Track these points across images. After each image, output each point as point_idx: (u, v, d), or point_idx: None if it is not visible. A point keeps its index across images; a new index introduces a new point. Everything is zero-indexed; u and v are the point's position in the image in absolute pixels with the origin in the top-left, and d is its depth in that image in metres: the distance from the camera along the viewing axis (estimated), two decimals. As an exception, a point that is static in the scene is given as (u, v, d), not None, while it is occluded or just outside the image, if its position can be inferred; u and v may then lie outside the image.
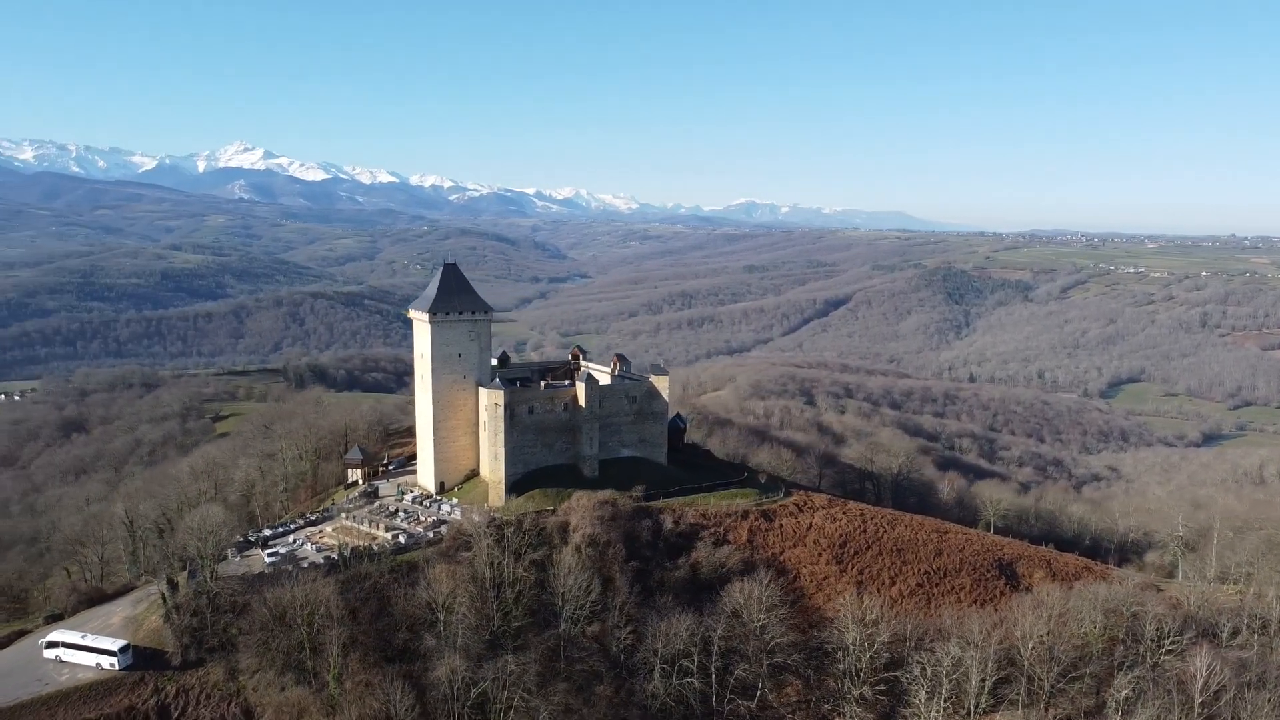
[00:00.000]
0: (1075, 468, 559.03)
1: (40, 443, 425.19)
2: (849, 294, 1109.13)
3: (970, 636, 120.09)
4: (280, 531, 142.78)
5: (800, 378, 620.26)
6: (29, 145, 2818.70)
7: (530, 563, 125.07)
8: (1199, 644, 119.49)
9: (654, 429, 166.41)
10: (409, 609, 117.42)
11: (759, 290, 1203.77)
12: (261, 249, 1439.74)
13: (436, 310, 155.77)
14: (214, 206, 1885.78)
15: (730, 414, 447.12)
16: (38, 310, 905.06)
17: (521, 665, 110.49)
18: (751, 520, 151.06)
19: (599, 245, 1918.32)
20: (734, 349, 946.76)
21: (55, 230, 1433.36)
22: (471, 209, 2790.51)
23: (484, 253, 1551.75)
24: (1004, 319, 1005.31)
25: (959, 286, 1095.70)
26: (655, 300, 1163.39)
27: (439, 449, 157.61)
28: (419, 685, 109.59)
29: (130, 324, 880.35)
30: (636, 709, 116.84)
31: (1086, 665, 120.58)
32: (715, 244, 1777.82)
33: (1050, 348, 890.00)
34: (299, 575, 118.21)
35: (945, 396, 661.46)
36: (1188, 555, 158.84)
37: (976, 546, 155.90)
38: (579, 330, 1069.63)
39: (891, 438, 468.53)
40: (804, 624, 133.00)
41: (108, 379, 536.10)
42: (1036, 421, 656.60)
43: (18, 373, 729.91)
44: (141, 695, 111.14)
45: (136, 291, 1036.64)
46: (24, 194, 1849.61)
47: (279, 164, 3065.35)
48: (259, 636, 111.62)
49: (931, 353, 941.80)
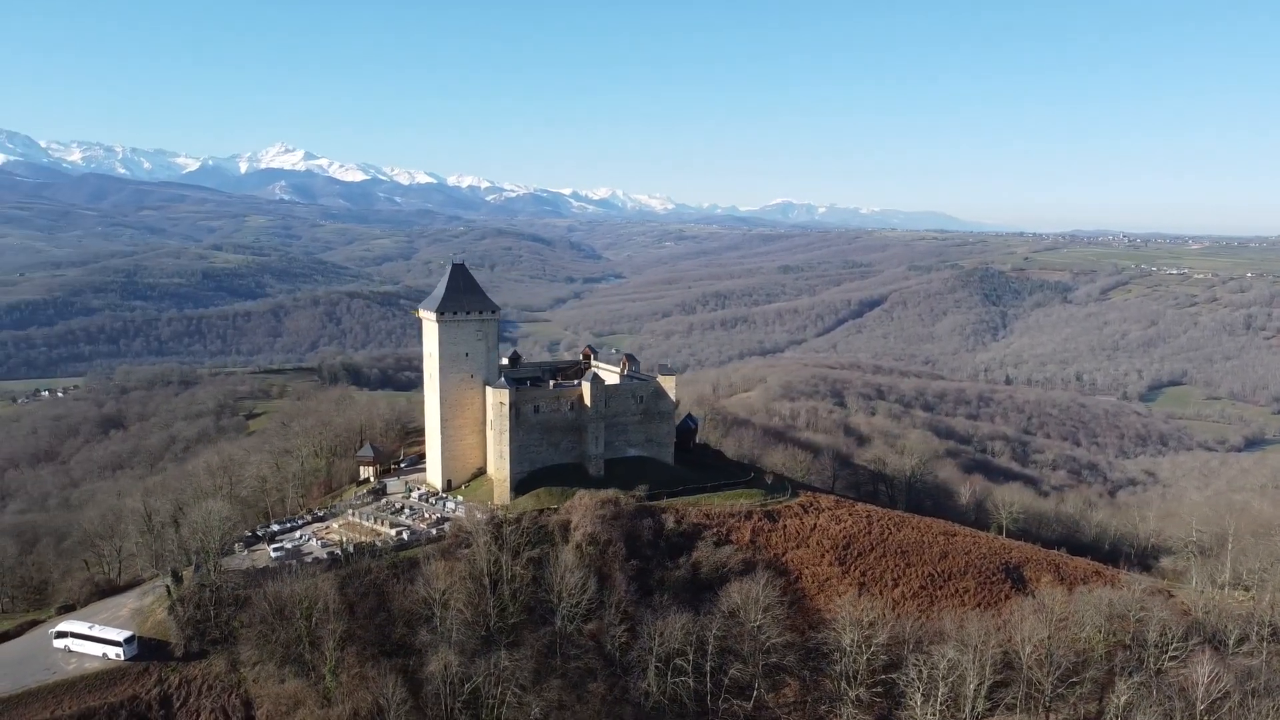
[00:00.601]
0: (1111, 472, 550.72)
1: (80, 439, 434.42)
2: (884, 295, 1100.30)
3: (968, 639, 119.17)
4: (288, 527, 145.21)
5: (832, 379, 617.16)
6: (77, 147, 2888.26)
7: (528, 560, 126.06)
8: (1202, 651, 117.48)
9: (661, 429, 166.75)
10: (406, 604, 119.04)
11: (793, 291, 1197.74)
12: (301, 249, 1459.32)
13: (444, 310, 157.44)
14: (255, 207, 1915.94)
15: (754, 414, 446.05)
16: (83, 309, 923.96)
17: (515, 661, 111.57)
18: (755, 521, 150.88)
19: (634, 246, 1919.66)
20: (767, 350, 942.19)
21: (101, 230, 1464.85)
22: (508, 209, 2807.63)
23: (519, 253, 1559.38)
24: (1042, 320, 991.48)
25: (996, 287, 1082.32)
26: (689, 301, 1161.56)
27: (446, 447, 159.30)
28: (414, 680, 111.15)
29: (171, 323, 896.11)
30: (630, 707, 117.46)
31: (1086, 670, 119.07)
32: (750, 244, 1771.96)
33: (1089, 350, 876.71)
34: (299, 570, 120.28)
35: (979, 399, 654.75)
36: (1201, 560, 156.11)
37: (984, 549, 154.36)
38: (613, 330, 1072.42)
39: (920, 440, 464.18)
40: (804, 625, 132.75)
41: (147, 377, 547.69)
42: (1072, 425, 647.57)
43: (63, 370, 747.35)
44: (145, 685, 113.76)
45: (178, 291, 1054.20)
46: (72, 195, 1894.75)
47: (319, 165, 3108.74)
48: (259, 629, 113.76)
49: (967, 354, 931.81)
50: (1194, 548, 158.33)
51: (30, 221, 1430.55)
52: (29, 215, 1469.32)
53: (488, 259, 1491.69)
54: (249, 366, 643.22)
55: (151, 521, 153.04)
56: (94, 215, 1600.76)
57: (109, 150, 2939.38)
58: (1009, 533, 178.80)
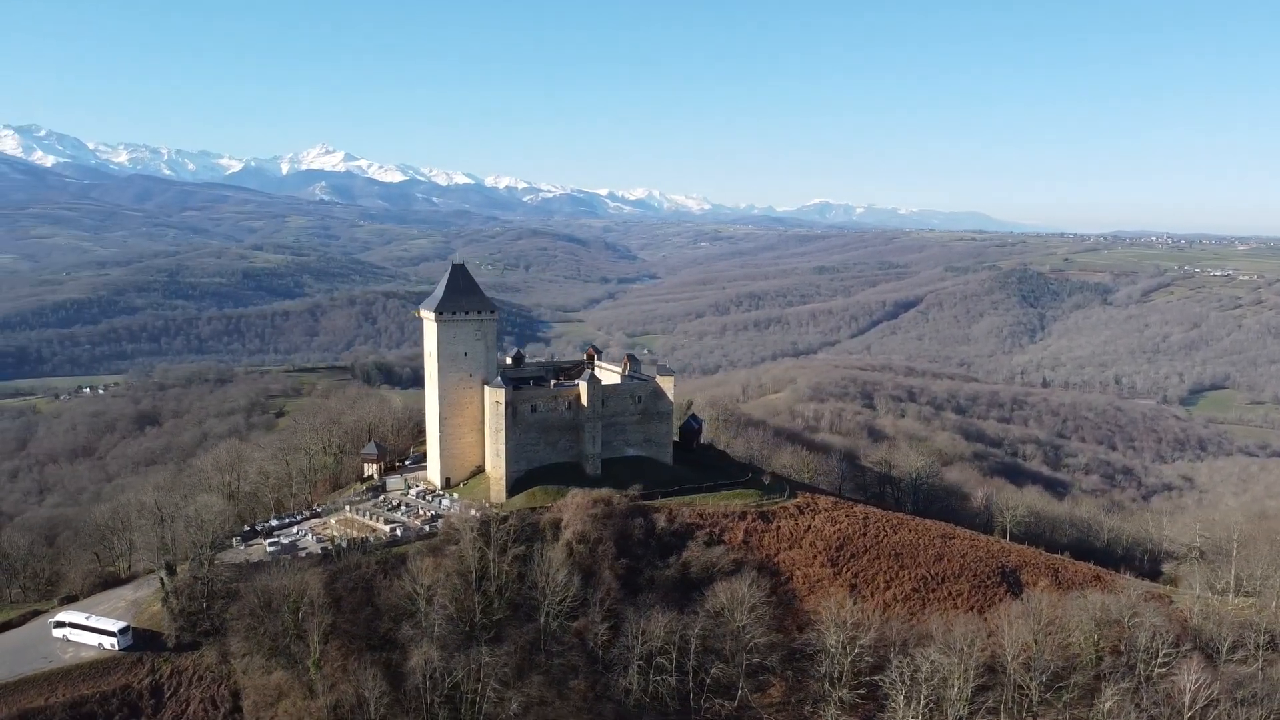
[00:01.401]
0: (1146, 476, 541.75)
1: (117, 435, 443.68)
2: (920, 296, 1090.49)
3: (954, 643, 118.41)
4: (286, 523, 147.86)
5: (862, 380, 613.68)
6: (124, 149, 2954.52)
7: (514, 558, 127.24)
8: (1190, 658, 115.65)
9: (659, 429, 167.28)
10: (391, 600, 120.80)
11: (828, 292, 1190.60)
12: (339, 249, 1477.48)
13: (443, 310, 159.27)
14: (295, 208, 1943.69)
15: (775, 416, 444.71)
16: (126, 308, 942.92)
17: (495, 657, 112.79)
18: (749, 521, 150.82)
19: (669, 246, 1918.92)
20: (800, 351, 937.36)
21: (146, 230, 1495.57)
22: (544, 210, 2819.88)
23: (555, 253, 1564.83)
24: (1081, 322, 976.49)
25: (1034, 289, 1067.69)
26: (723, 301, 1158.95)
27: (445, 445, 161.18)
28: (397, 674, 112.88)
29: (211, 321, 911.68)
30: (611, 704, 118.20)
31: (1073, 675, 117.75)
32: (786, 245, 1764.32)
33: (1129, 352, 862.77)
34: (288, 565, 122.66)
35: (1013, 401, 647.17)
36: (1205, 566, 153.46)
37: (981, 553, 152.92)
38: (645, 331, 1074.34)
39: (947, 442, 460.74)
40: (793, 626, 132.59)
41: (185, 374, 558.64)
42: (1108, 428, 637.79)
43: (105, 367, 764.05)
44: (138, 675, 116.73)
45: (219, 290, 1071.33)
46: (118, 195, 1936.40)
47: (359, 166, 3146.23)
48: (247, 622, 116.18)
49: (1004, 356, 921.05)
50: (1196, 553, 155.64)
51: (78, 222, 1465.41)
52: (77, 216, 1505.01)
53: (523, 259, 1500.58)
54: (283, 365, 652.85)
55: (162, 514, 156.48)
56: (139, 216, 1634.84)
57: (155, 152, 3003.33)
58: (1013, 536, 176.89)
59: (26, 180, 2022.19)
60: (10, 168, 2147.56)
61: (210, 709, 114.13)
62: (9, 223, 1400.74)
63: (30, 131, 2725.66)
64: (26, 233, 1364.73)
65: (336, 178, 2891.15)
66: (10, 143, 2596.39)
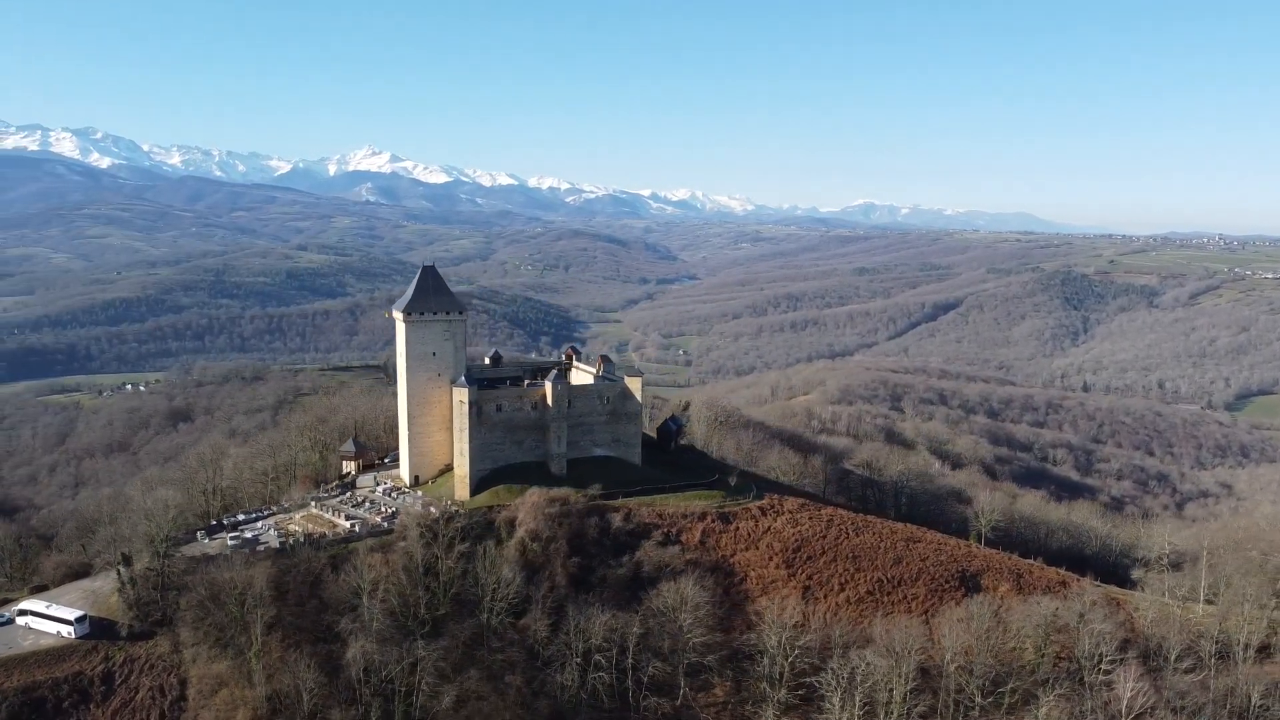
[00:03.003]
0: (1182, 483, 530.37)
1: (150, 430, 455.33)
2: (960, 298, 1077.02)
3: (893, 646, 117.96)
4: (253, 517, 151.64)
5: (893, 383, 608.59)
6: (177, 151, 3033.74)
7: (459, 555, 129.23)
8: (1128, 665, 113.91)
9: (628, 429, 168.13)
10: (336, 594, 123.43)
11: (867, 293, 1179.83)
12: (383, 249, 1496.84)
13: (411, 310, 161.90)
14: (341, 208, 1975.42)
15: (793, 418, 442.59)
16: (172, 306, 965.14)
17: (431, 651, 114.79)
18: (708, 522, 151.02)
19: (710, 247, 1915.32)
20: (836, 353, 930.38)
21: (196, 231, 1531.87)
22: (587, 210, 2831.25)
23: (594, 254, 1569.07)
24: (1125, 326, 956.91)
25: (1078, 291, 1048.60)
26: (760, 302, 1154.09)
27: (414, 444, 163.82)
28: (336, 666, 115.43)
29: (254, 320, 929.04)
30: (547, 700, 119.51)
31: (1011, 681, 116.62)
32: (828, 246, 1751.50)
33: (1174, 356, 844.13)
34: (240, 558, 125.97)
35: (1048, 405, 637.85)
36: (1168, 574, 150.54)
37: (945, 557, 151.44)
38: (681, 332, 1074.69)
39: (970, 446, 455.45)
40: (742, 626, 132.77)
41: (222, 372, 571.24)
42: (1146, 433, 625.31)
43: (150, 365, 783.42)
44: (91, 662, 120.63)
45: (264, 290, 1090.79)
46: (170, 196, 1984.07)
47: (404, 167, 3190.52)
48: (195, 613, 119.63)
49: (1044, 360, 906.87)
50: (1166, 561, 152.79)
51: (131, 222, 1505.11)
52: (130, 216, 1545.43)
53: (563, 260, 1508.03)
54: (318, 364, 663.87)
55: (121, 508, 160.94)
56: (190, 216, 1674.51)
57: (206, 154, 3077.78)
58: (992, 541, 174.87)
59: (83, 181, 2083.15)
60: (68, 169, 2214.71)
61: (158, 696, 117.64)
62: (65, 223, 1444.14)
63: (87, 134, 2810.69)
64: (82, 233, 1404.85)
65: (382, 179, 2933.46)
66: (68, 145, 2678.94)
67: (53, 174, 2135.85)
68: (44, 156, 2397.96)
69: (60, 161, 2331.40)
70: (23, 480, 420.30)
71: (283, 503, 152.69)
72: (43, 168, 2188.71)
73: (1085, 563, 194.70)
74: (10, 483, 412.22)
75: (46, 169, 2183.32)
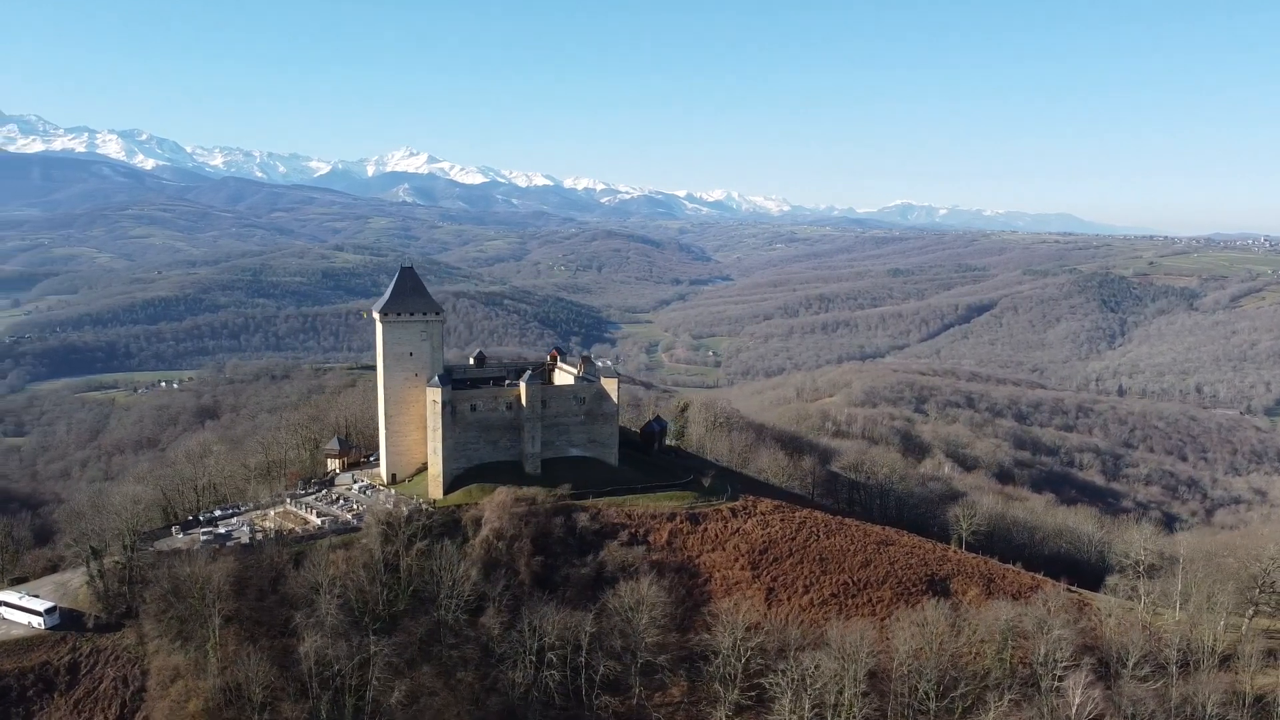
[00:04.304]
0: (1213, 489, 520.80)
1: (179, 427, 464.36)
2: (994, 300, 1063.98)
3: (845, 649, 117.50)
4: (229, 513, 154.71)
5: (919, 385, 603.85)
6: (220, 152, 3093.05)
7: (418, 552, 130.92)
8: (1081, 671, 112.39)
9: (604, 430, 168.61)
10: (293, 589, 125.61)
11: (901, 294, 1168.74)
12: (418, 250, 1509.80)
13: (388, 311, 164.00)
14: (378, 209, 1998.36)
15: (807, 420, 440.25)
16: (210, 305, 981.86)
17: (380, 647, 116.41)
18: (676, 522, 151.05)
19: (744, 248, 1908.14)
20: (867, 355, 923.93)
21: (235, 231, 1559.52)
22: (621, 211, 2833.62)
23: (627, 254, 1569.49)
24: (1164, 329, 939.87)
25: (1116, 293, 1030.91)
26: (792, 303, 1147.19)
27: (391, 442, 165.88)
28: (291, 659, 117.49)
29: (289, 319, 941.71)
30: (498, 697, 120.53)
31: (961, 686, 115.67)
32: (863, 247, 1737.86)
33: (1213, 360, 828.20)
34: (207, 553, 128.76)
35: (1078, 409, 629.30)
36: (1133, 580, 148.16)
37: (914, 560, 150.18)
38: (712, 332, 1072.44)
39: (990, 449, 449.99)
40: (702, 627, 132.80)
41: (253, 370, 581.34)
42: (1179, 438, 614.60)
43: (186, 362, 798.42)
44: (59, 653, 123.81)
45: (300, 289, 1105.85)
46: (212, 197, 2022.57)
47: (441, 168, 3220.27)
48: (158, 606, 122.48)
49: (1079, 363, 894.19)
50: (1141, 567, 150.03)
51: (173, 223, 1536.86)
52: (171, 217, 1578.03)
53: (596, 260, 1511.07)
54: (348, 362, 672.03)
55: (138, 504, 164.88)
56: (230, 217, 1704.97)
57: (248, 155, 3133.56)
58: (971, 545, 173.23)
59: (128, 182, 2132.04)
60: (113, 170, 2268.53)
61: (120, 687, 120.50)
62: (109, 223, 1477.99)
63: (133, 135, 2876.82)
64: (125, 233, 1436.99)
65: (419, 179, 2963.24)
66: (114, 146, 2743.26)
67: (99, 175, 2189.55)
68: (91, 158, 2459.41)
69: (106, 163, 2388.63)
70: (56, 475, 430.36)
71: (260, 499, 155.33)
72: (89, 169, 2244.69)
73: (1078, 568, 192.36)
74: (44, 477, 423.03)
75: (93, 170, 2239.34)
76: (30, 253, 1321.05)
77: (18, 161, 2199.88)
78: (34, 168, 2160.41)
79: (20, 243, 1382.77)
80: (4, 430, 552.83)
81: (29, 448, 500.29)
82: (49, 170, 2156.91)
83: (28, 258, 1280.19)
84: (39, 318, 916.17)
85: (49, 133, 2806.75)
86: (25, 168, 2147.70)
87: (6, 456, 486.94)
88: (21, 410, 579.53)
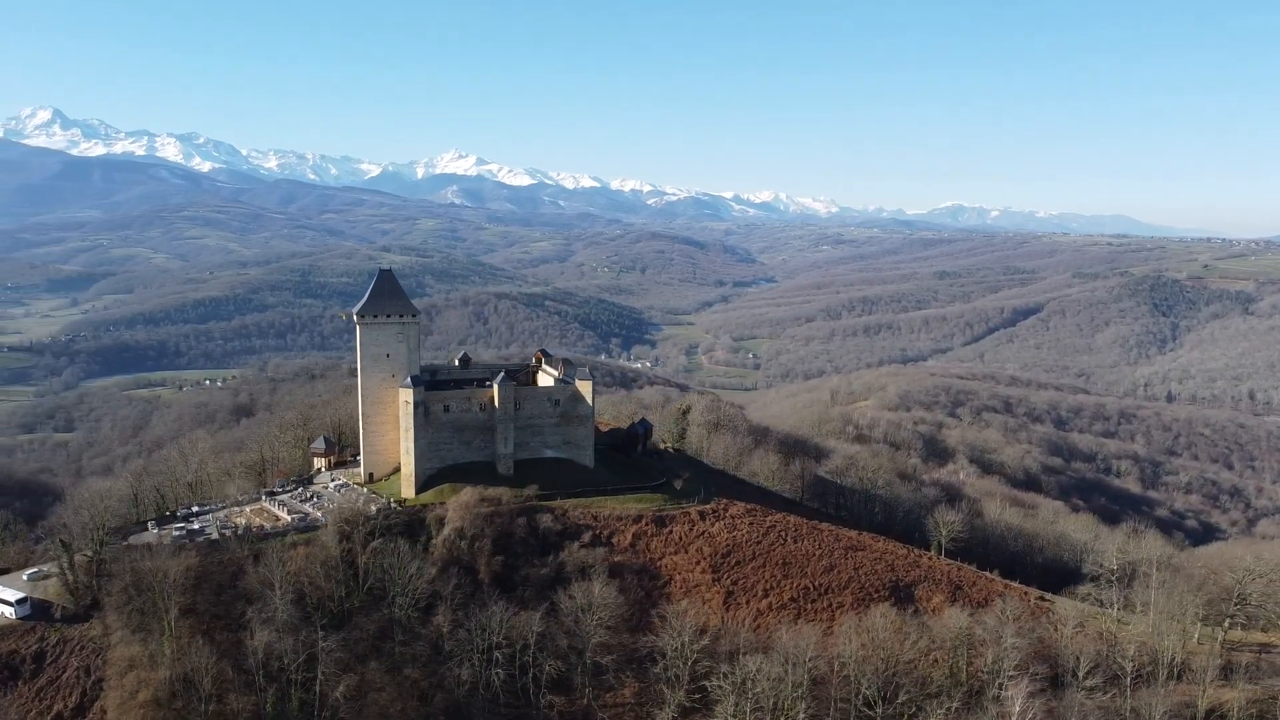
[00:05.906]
0: (1258, 499, 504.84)
1: (215, 425, 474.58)
2: (1041, 303, 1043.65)
3: (789, 653, 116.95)
4: (205, 510, 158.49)
5: (955, 389, 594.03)
6: (274, 154, 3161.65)
7: (372, 550, 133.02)
8: (1021, 680, 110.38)
9: (579, 431, 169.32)
10: (249, 584, 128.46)
11: (946, 297, 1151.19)
12: (464, 251, 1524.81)
13: (365, 313, 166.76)
14: (427, 210, 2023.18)
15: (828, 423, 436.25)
16: (259, 305, 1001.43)
17: (328, 642, 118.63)
18: (642, 524, 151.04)
19: (790, 249, 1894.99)
20: (909, 358, 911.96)
21: (287, 232, 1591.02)
22: (668, 213, 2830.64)
23: (671, 256, 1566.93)
24: (1217, 333, 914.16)
25: (1168, 297, 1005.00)
26: (835, 306, 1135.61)
27: (368, 442, 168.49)
28: (241, 653, 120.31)
29: (333, 319, 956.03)
30: (443, 694, 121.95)
31: (902, 694, 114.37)
32: (910, 249, 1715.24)
33: (1267, 365, 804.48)
34: (172, 548, 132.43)
35: (1120, 415, 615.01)
36: (1101, 588, 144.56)
37: (881, 566, 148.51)
38: (753, 335, 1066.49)
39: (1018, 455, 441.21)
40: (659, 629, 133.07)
41: (293, 369, 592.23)
42: (1226, 446, 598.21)
43: (233, 361, 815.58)
44: (27, 642, 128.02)
45: (346, 289, 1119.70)
46: (265, 199, 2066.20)
47: (489, 170, 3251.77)
48: (120, 598, 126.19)
49: (1127, 368, 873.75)
50: (1112, 575, 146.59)
51: (226, 224, 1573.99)
52: (225, 218, 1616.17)
53: (639, 262, 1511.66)
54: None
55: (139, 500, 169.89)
56: (282, 218, 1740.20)
57: (301, 157, 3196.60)
58: (951, 552, 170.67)
59: (184, 185, 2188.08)
60: (170, 173, 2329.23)
61: (82, 676, 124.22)
62: (165, 224, 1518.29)
63: (190, 139, 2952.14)
64: (181, 234, 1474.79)
65: (468, 181, 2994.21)
66: (172, 149, 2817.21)
67: (156, 178, 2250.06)
68: (150, 161, 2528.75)
69: (164, 166, 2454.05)
70: (99, 470, 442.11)
71: (236, 496, 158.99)
72: (148, 172, 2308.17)
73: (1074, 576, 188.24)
74: (88, 471, 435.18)
75: (151, 173, 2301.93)
76: (90, 253, 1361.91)
77: (81, 165, 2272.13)
78: (95, 170, 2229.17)
79: (81, 243, 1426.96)
80: (54, 426, 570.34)
81: (75, 443, 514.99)
82: (109, 173, 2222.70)
83: (87, 258, 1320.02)
84: (95, 317, 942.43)
85: (110, 136, 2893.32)
86: (87, 170, 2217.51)
87: (55, 452, 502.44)
88: (72, 407, 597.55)
